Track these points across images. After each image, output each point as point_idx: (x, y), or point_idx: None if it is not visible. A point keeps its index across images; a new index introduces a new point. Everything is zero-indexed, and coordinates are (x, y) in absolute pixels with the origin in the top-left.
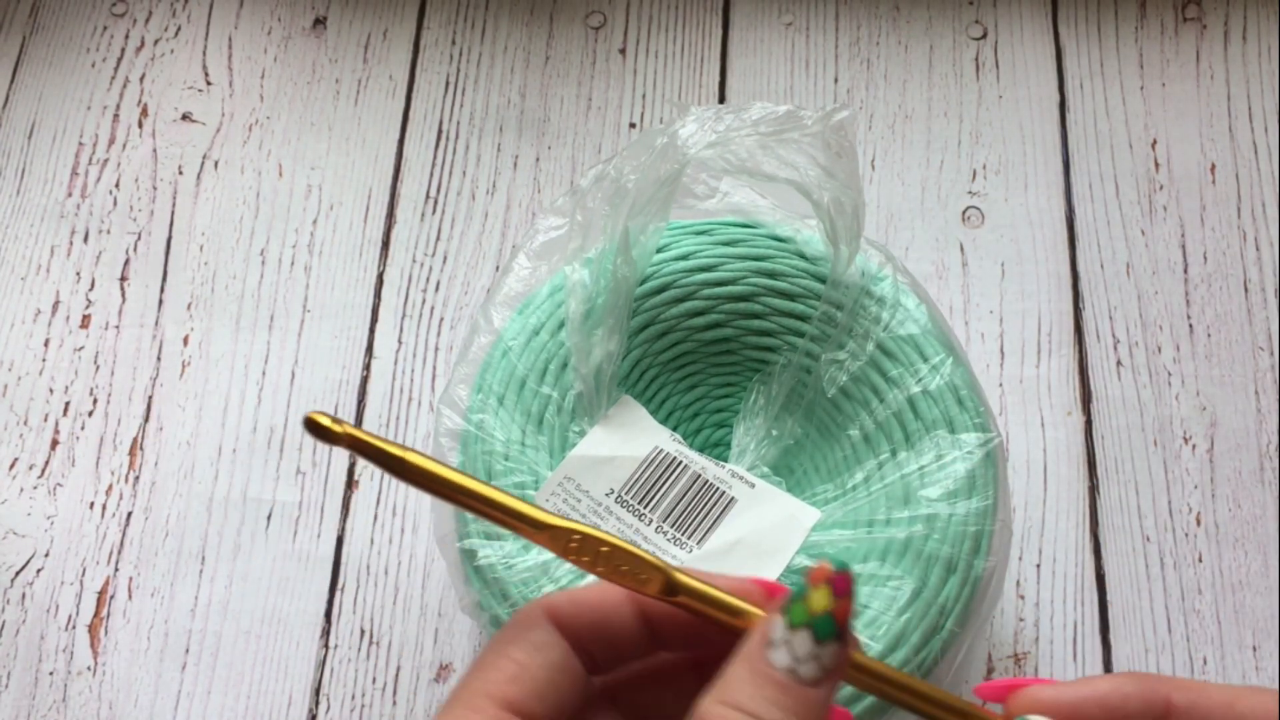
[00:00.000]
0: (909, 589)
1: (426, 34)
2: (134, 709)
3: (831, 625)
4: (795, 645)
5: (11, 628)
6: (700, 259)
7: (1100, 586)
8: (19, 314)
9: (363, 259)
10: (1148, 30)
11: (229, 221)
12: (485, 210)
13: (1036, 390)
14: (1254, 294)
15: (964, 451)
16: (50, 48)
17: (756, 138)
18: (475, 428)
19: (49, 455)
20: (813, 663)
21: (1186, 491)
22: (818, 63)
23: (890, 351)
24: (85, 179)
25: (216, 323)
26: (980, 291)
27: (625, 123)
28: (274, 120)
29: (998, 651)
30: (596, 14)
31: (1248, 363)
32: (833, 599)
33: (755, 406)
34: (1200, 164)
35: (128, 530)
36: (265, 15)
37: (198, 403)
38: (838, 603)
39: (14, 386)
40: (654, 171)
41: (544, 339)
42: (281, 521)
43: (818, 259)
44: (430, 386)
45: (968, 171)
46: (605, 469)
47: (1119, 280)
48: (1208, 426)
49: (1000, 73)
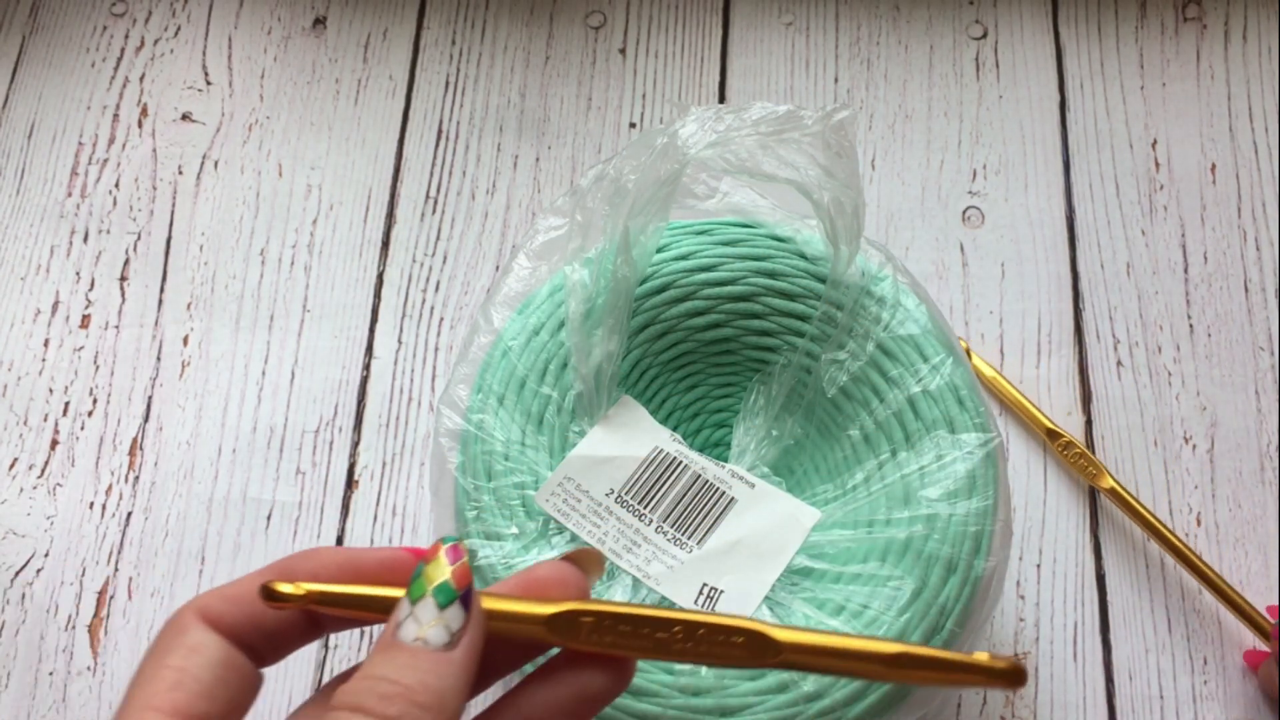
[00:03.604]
0: (909, 589)
1: (426, 34)
2: None
3: (450, 591)
4: (420, 616)
5: (11, 628)
6: (700, 259)
7: (1100, 586)
8: (19, 314)
9: (363, 259)
10: (1148, 30)
11: (229, 221)
12: (485, 210)
13: (1036, 390)
14: (1254, 294)
15: (964, 451)
16: (50, 48)
17: (756, 138)
18: (475, 428)
19: (49, 455)
20: (439, 628)
21: (1186, 491)
22: (818, 63)
23: (890, 351)
24: (85, 179)
25: (216, 323)
26: (980, 291)
27: (625, 123)
28: (274, 120)
29: (998, 652)
30: (596, 14)
31: (1248, 363)
32: (447, 568)
33: (755, 406)
34: (1200, 164)
35: (127, 530)
36: (265, 15)
37: (198, 403)
38: (454, 570)
39: (14, 386)
40: (654, 171)
41: (544, 339)
42: (281, 521)
43: (818, 259)
44: (430, 386)
45: (968, 171)
46: (605, 469)
47: (1119, 280)
48: (1208, 426)
49: (1000, 73)
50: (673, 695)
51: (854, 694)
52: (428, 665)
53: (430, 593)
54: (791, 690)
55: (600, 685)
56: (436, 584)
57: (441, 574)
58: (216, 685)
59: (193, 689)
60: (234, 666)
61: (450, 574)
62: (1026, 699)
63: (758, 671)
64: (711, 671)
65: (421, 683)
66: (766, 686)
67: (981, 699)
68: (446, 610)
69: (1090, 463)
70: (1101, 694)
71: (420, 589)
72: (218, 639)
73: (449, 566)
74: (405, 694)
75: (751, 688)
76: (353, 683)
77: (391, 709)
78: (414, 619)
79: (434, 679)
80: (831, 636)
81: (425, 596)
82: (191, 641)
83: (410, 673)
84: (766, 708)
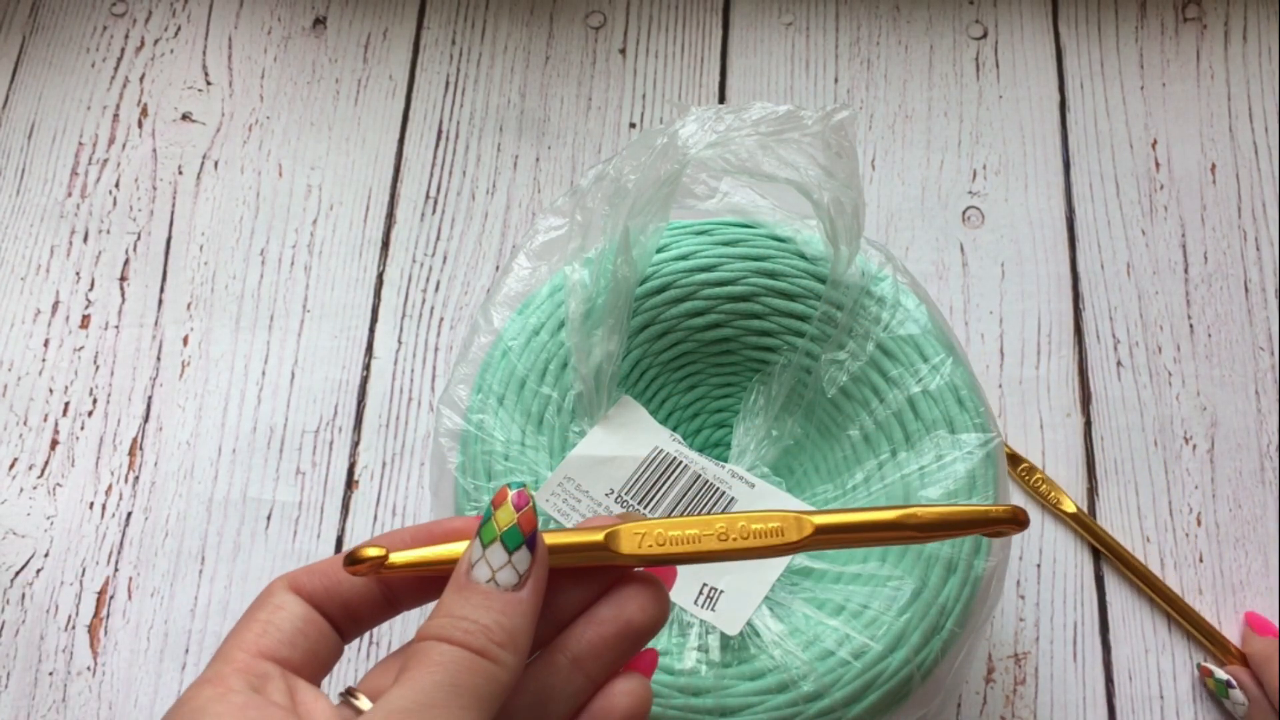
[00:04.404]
0: (909, 589)
1: (426, 34)
2: (134, 709)
3: (518, 535)
4: (490, 559)
5: (11, 628)
6: (700, 259)
7: (1100, 587)
8: (19, 314)
9: (363, 259)
10: (1148, 30)
11: (229, 221)
12: (485, 210)
13: (1036, 392)
14: (1254, 294)
15: (964, 451)
16: (50, 48)
17: (756, 138)
18: (475, 428)
19: (49, 455)
20: (508, 569)
21: (1187, 491)
22: (818, 63)
23: (890, 351)
24: (85, 179)
25: (216, 323)
26: (980, 292)
27: (625, 123)
28: (274, 120)
29: (998, 651)
30: (596, 14)
31: (1248, 363)
32: (514, 513)
33: (755, 406)
34: (1200, 164)
35: (127, 530)
36: (265, 15)
37: (198, 403)
38: (520, 514)
39: (14, 386)
40: (654, 171)
41: (544, 339)
42: (281, 522)
43: (818, 259)
44: (430, 386)
45: (968, 171)
46: (605, 469)
47: (1119, 280)
48: (1208, 426)
49: (1000, 73)
50: (673, 695)
51: (854, 694)
52: (500, 605)
53: (500, 536)
54: (791, 690)
55: (642, 618)
56: (505, 529)
57: (509, 519)
58: (296, 636)
59: (275, 637)
60: (313, 623)
61: (518, 519)
62: (1026, 699)
63: (757, 671)
64: (711, 671)
65: (496, 622)
66: (766, 686)
67: (981, 699)
68: (515, 553)
69: (1052, 488)
70: (1101, 694)
71: (491, 532)
72: (299, 600)
73: (516, 512)
74: (483, 631)
75: (751, 688)
76: (434, 619)
77: (474, 641)
78: (485, 562)
79: (506, 619)
80: (851, 514)
81: (495, 541)
82: (277, 601)
83: (485, 613)
84: (766, 708)
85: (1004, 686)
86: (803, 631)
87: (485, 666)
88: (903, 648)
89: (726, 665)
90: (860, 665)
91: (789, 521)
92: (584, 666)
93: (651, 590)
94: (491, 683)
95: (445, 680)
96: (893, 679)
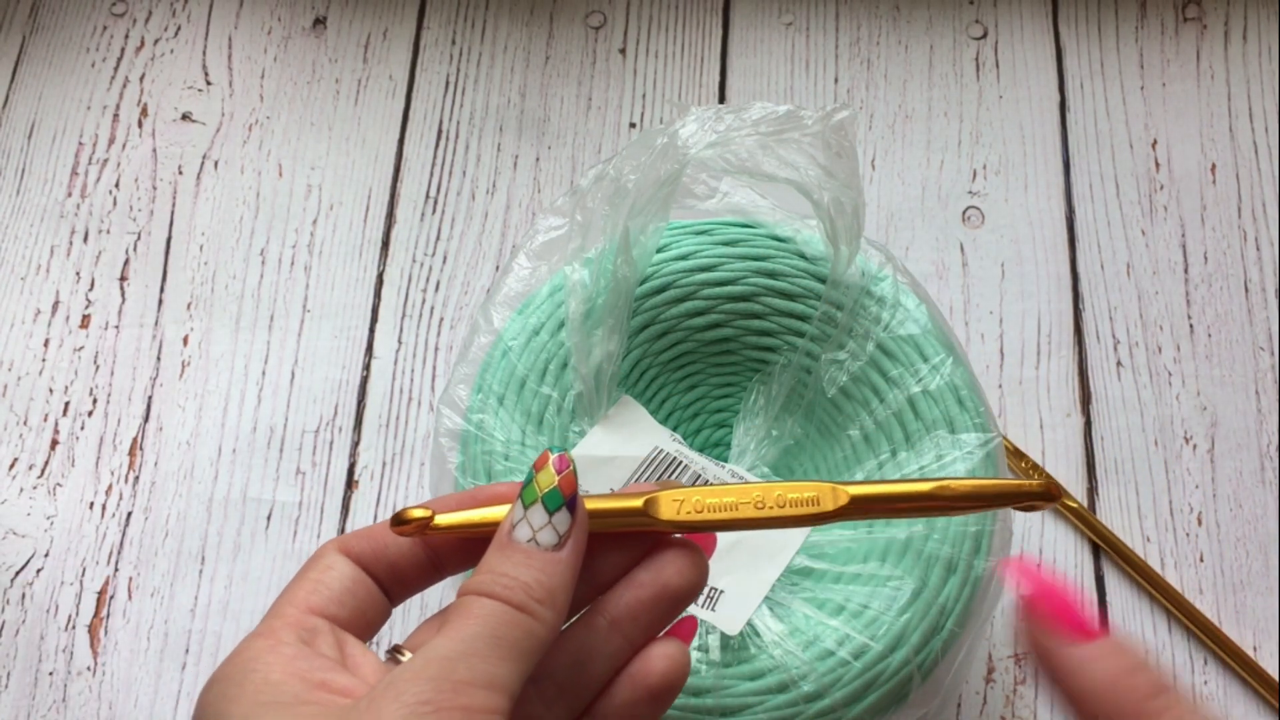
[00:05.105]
0: (909, 589)
1: (426, 34)
2: (134, 709)
3: (559, 497)
4: (531, 519)
5: (11, 628)
6: (700, 259)
7: (1100, 586)
8: (19, 314)
9: (363, 259)
10: (1148, 30)
11: (229, 221)
12: (485, 210)
13: (1036, 392)
14: (1254, 294)
15: (964, 451)
16: (50, 48)
17: (756, 138)
18: (475, 428)
19: (49, 455)
20: (548, 530)
21: (1187, 491)
22: (818, 63)
23: (890, 351)
24: (85, 179)
25: (216, 323)
26: (980, 292)
27: (625, 123)
28: (274, 120)
29: (998, 651)
30: (596, 14)
31: (1248, 363)
32: (555, 476)
33: (755, 406)
34: (1200, 164)
35: (127, 530)
36: (265, 15)
37: (198, 403)
38: (561, 477)
39: (14, 386)
40: (654, 171)
41: (544, 339)
42: (281, 521)
43: (818, 259)
44: (430, 386)
45: (968, 171)
46: (605, 469)
47: (1119, 280)
48: (1208, 426)
49: (1000, 73)
50: None
51: (854, 694)
52: (539, 564)
53: (541, 498)
54: (791, 690)
55: (679, 581)
56: (546, 490)
57: (550, 481)
58: (345, 594)
59: (324, 594)
60: (361, 583)
61: (558, 481)
62: (1026, 699)
63: (757, 671)
64: (711, 671)
65: (536, 580)
66: (766, 686)
67: (981, 699)
68: (555, 515)
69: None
70: None
71: (532, 494)
72: (349, 562)
73: (557, 475)
74: (523, 588)
75: (751, 688)
76: (476, 576)
77: (514, 596)
78: (526, 522)
79: (545, 577)
80: (885, 485)
81: (536, 502)
82: (327, 562)
83: (526, 571)
84: (766, 708)
85: (1004, 686)
86: (803, 631)
87: (524, 621)
88: (903, 648)
89: (726, 665)
90: (860, 665)
91: (824, 491)
92: (622, 628)
93: (690, 555)
94: (530, 637)
95: (485, 631)
96: (893, 679)
